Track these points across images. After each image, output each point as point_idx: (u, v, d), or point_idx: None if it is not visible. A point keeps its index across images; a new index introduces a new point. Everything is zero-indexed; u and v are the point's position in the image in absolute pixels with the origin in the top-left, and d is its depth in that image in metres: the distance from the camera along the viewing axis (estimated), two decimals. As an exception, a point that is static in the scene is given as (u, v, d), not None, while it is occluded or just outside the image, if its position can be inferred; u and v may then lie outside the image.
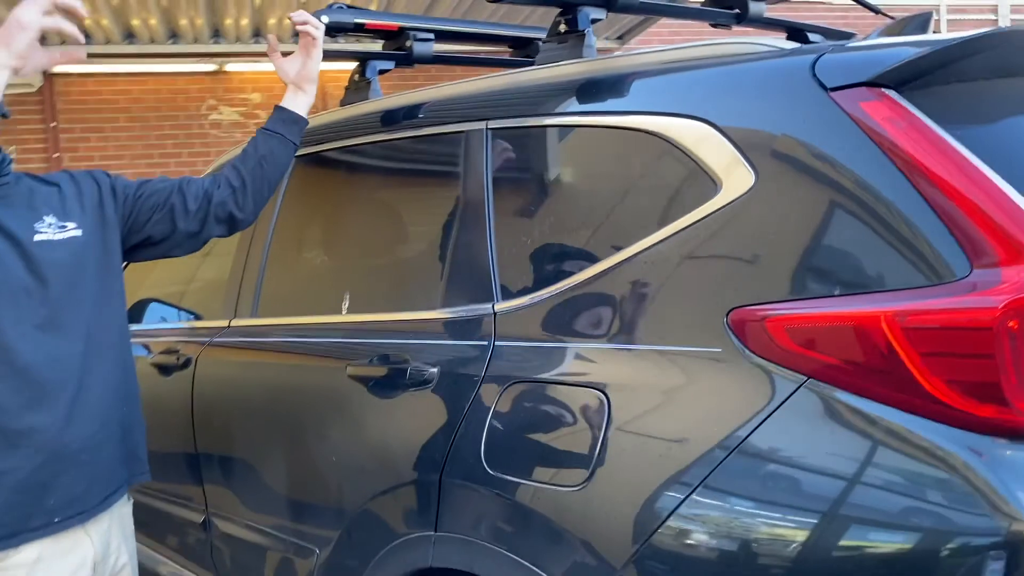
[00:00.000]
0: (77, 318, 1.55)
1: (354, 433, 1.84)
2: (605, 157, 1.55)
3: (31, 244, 1.52)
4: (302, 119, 1.88)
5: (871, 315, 1.15)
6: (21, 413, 1.46)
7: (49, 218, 1.56)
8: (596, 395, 1.41)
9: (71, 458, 1.52)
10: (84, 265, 1.59)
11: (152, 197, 1.74)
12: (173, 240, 1.77)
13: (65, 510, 1.52)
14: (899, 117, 1.23)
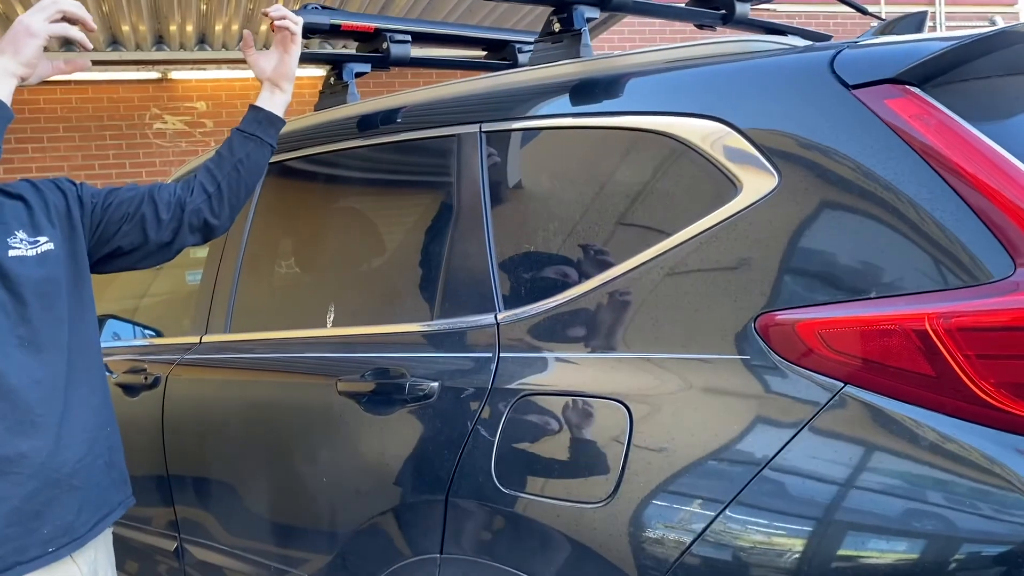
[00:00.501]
0: (57, 336, 1.47)
1: (347, 452, 1.75)
2: (612, 159, 1.49)
3: (6, 260, 1.43)
4: (279, 120, 1.78)
5: (915, 316, 1.11)
6: (8, 439, 1.38)
7: (20, 233, 1.47)
8: (616, 407, 1.35)
9: (63, 483, 1.44)
10: (59, 280, 1.50)
11: (121, 206, 1.63)
12: (144, 251, 1.67)
13: (59, 539, 1.44)
14: (928, 114, 1.20)
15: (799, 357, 1.21)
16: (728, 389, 1.27)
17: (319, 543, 1.81)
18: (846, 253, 1.22)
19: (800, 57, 1.36)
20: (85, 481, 1.48)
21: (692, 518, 1.24)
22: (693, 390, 1.30)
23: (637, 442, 1.31)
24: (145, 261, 1.70)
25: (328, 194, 2.09)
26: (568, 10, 1.76)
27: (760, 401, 1.24)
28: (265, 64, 1.81)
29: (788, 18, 8.32)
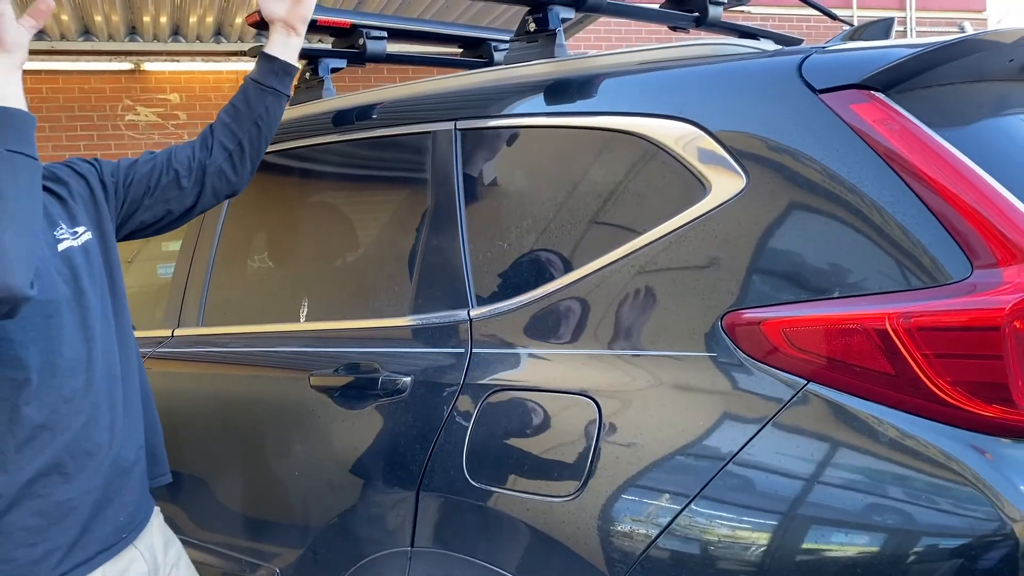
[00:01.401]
0: (107, 325, 1.45)
1: (319, 446, 1.76)
2: (585, 159, 1.51)
3: (60, 254, 1.40)
4: (294, 68, 1.66)
5: (876, 316, 1.14)
6: (88, 432, 1.37)
7: (63, 223, 1.44)
8: (586, 402, 1.37)
9: (129, 471, 1.45)
10: (100, 268, 1.48)
11: (142, 181, 1.57)
12: (167, 220, 1.62)
13: (129, 524, 1.46)
14: (891, 119, 1.23)
15: (764, 355, 1.24)
16: (695, 386, 1.30)
17: (291, 537, 1.81)
18: (811, 254, 1.25)
19: (769, 61, 1.39)
20: (143, 466, 1.50)
21: (658, 512, 1.26)
22: (662, 386, 1.32)
23: (606, 437, 1.34)
24: (167, 228, 1.66)
25: (303, 189, 2.10)
26: (543, 10, 1.77)
27: (726, 398, 1.26)
28: (278, 5, 1.66)
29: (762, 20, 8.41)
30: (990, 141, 1.33)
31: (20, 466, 1.30)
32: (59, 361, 1.35)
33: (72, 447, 1.35)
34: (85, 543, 1.37)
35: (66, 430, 1.34)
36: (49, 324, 1.34)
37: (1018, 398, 1.07)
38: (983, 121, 1.38)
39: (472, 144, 1.69)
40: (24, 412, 1.30)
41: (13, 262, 1.15)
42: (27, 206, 1.19)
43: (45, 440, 1.32)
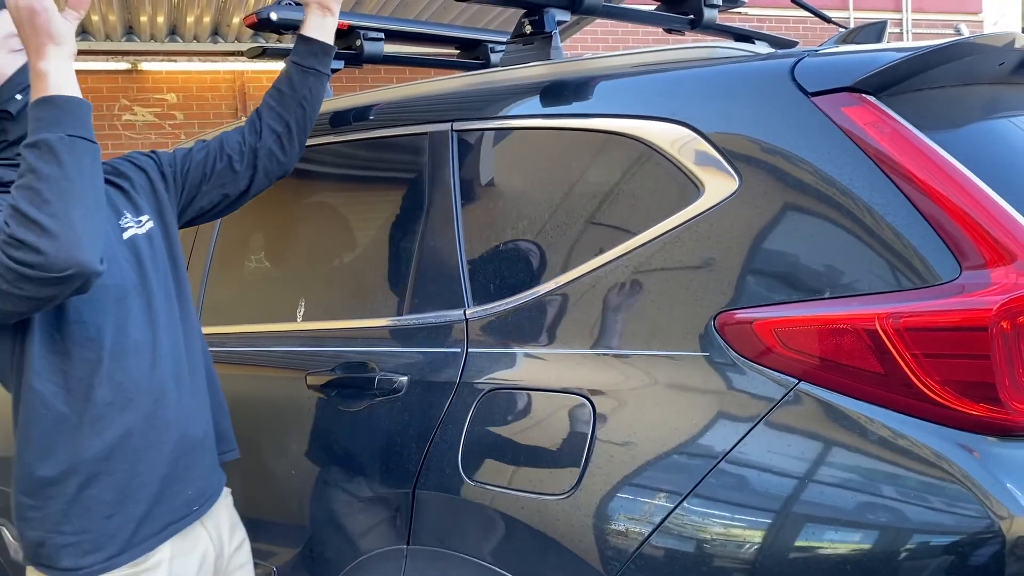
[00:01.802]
0: (171, 309, 1.52)
1: (315, 445, 1.77)
2: (580, 160, 1.53)
3: (123, 242, 1.48)
4: (331, 47, 1.72)
5: (865, 316, 1.16)
6: (156, 411, 1.44)
7: (128, 213, 1.52)
8: (580, 401, 1.39)
9: (198, 447, 1.52)
10: (164, 255, 1.55)
11: (198, 169, 1.64)
12: (223, 205, 1.70)
13: (199, 498, 1.52)
14: (882, 122, 1.25)
15: (757, 355, 1.25)
16: (688, 385, 1.31)
17: (287, 535, 1.83)
18: (803, 255, 1.26)
19: (762, 64, 1.40)
20: (211, 443, 1.57)
21: (651, 510, 1.28)
22: (655, 386, 1.34)
23: (600, 436, 1.35)
24: (226, 212, 1.73)
25: (300, 189, 2.11)
26: (539, 13, 1.79)
27: (719, 397, 1.28)
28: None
29: (759, 22, 8.43)
30: (980, 144, 1.34)
31: (94, 442, 1.38)
32: (127, 343, 1.42)
33: (141, 424, 1.42)
34: (156, 515, 1.44)
35: (135, 408, 1.41)
36: (119, 308, 1.42)
37: (1005, 397, 1.08)
38: (973, 124, 1.40)
39: (468, 145, 1.71)
40: (97, 391, 1.38)
41: (83, 238, 1.21)
42: (92, 186, 1.25)
43: (116, 417, 1.40)
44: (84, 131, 1.24)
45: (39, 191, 1.19)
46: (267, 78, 7.56)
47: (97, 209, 1.26)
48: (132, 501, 1.42)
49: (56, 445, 1.37)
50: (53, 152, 1.20)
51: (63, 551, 1.38)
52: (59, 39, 1.24)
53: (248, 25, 1.97)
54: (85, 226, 1.22)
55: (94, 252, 1.23)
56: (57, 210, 1.19)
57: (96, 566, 1.39)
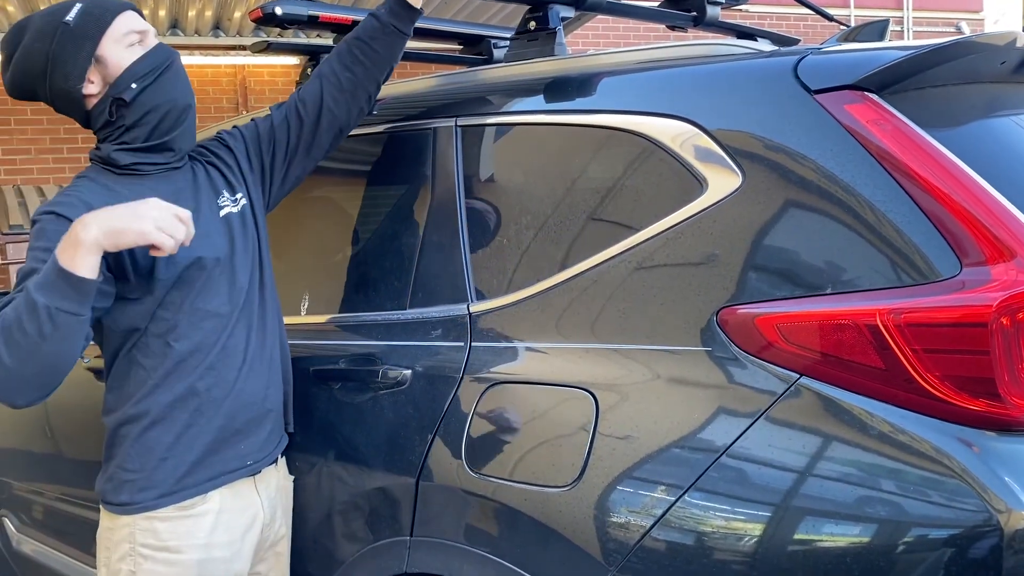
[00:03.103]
0: (253, 282, 1.67)
1: (319, 436, 1.78)
2: (583, 156, 1.54)
3: (220, 219, 1.65)
4: (417, 12, 1.75)
5: (867, 312, 1.17)
6: (225, 373, 1.60)
7: (225, 192, 1.68)
8: (583, 395, 1.40)
9: (260, 410, 1.65)
10: (253, 230, 1.71)
11: (279, 141, 1.76)
12: (306, 170, 1.82)
13: (255, 454, 1.65)
14: (884, 120, 1.26)
15: (758, 350, 1.27)
16: (691, 379, 1.32)
17: (291, 526, 1.84)
18: (805, 251, 1.28)
19: (766, 62, 1.41)
20: (273, 407, 1.69)
21: (653, 503, 1.29)
22: (658, 380, 1.35)
23: (602, 430, 1.36)
24: (304, 177, 1.85)
25: (304, 183, 2.11)
26: (544, 9, 1.80)
27: (721, 391, 1.29)
28: None
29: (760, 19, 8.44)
30: (981, 142, 1.36)
31: (164, 391, 1.56)
32: (207, 308, 1.59)
33: (206, 382, 1.58)
34: (208, 463, 1.60)
35: (203, 368, 1.58)
36: (204, 277, 1.59)
37: (1004, 392, 1.10)
38: (975, 122, 1.41)
39: (472, 140, 1.72)
40: (173, 347, 1.56)
41: (22, 389, 1.38)
42: (56, 352, 1.36)
43: (185, 372, 1.57)
44: (78, 309, 1.35)
45: (14, 336, 1.34)
46: (268, 72, 7.56)
47: (51, 374, 1.39)
48: (186, 448, 1.57)
49: (133, 393, 1.57)
50: (38, 315, 1.32)
51: (123, 486, 1.57)
52: (115, 241, 1.37)
53: (253, 19, 1.98)
54: (30, 381, 1.37)
55: (26, 400, 1.39)
56: (16, 360, 1.34)
57: (148, 502, 1.56)
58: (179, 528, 1.59)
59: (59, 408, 2.64)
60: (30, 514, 2.90)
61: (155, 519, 1.58)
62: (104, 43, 1.58)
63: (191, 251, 1.54)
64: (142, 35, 1.62)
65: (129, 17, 1.62)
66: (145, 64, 1.60)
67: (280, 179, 1.79)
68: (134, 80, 1.58)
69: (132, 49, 1.60)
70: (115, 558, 1.61)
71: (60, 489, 2.68)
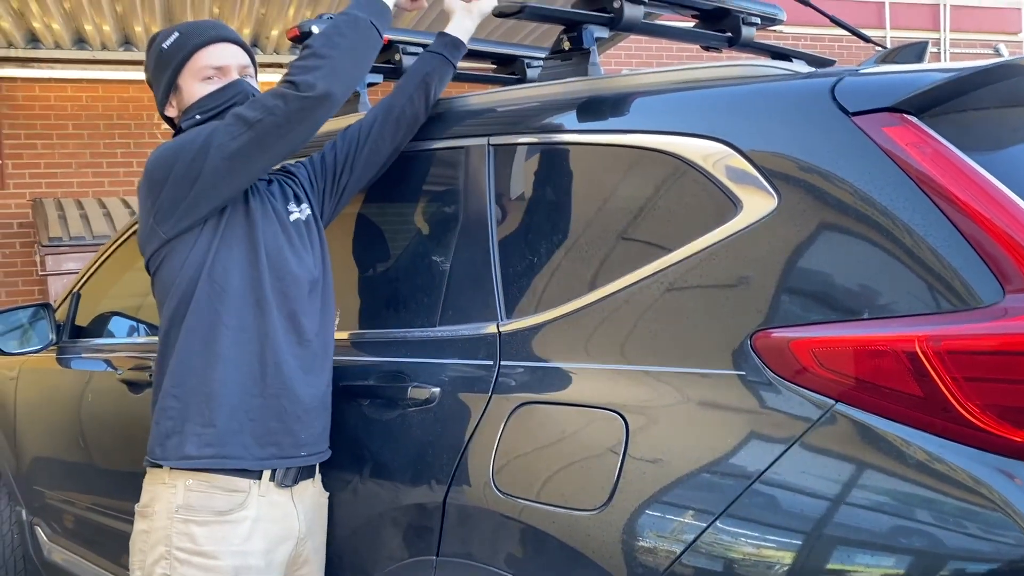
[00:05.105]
0: (315, 286, 1.74)
1: (347, 452, 1.78)
2: (616, 176, 1.53)
3: (290, 223, 1.75)
4: (463, 44, 1.93)
5: (905, 338, 1.15)
6: (296, 374, 1.67)
7: (293, 201, 1.80)
8: (613, 417, 1.38)
9: (313, 406, 1.70)
10: (316, 238, 1.80)
11: (338, 165, 1.87)
12: (357, 189, 1.92)
13: (308, 446, 1.70)
14: (923, 143, 1.24)
15: (793, 374, 1.24)
16: (723, 403, 1.30)
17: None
18: (842, 274, 1.26)
19: (802, 83, 1.40)
20: (324, 409, 1.74)
21: (683, 528, 1.27)
22: (689, 403, 1.33)
23: (632, 453, 1.35)
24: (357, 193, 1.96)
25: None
26: (578, 29, 1.80)
27: (753, 416, 1.27)
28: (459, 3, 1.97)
29: (794, 40, 8.40)
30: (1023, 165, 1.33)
31: (233, 361, 1.64)
32: (272, 299, 1.68)
33: (264, 368, 1.65)
34: (266, 441, 1.65)
35: (262, 349, 1.65)
36: (277, 272, 1.69)
37: (1048, 423, 1.07)
38: (1017, 146, 1.38)
39: (504, 159, 1.72)
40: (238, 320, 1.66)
41: (341, 76, 1.61)
42: (364, 57, 1.68)
43: (250, 349, 1.65)
44: (381, 25, 1.69)
45: (332, 38, 1.62)
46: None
47: (359, 70, 1.68)
48: (248, 417, 1.63)
49: (206, 353, 1.63)
50: (357, 24, 1.65)
51: (189, 440, 1.61)
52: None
53: (291, 38, 2.00)
54: (345, 70, 1.62)
55: (343, 90, 1.61)
56: (337, 51, 1.60)
57: (211, 459, 1.61)
58: (216, 533, 1.61)
59: (92, 418, 2.67)
60: (62, 523, 2.93)
61: (192, 523, 1.61)
62: (183, 74, 1.74)
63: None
64: (222, 70, 1.76)
65: (213, 51, 1.75)
66: (212, 100, 1.73)
67: (336, 199, 1.90)
68: (198, 112, 1.72)
69: (207, 83, 1.74)
70: (150, 561, 1.63)
71: (92, 499, 2.70)
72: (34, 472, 3.07)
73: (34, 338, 2.91)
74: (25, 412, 3.11)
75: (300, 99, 1.57)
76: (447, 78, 1.92)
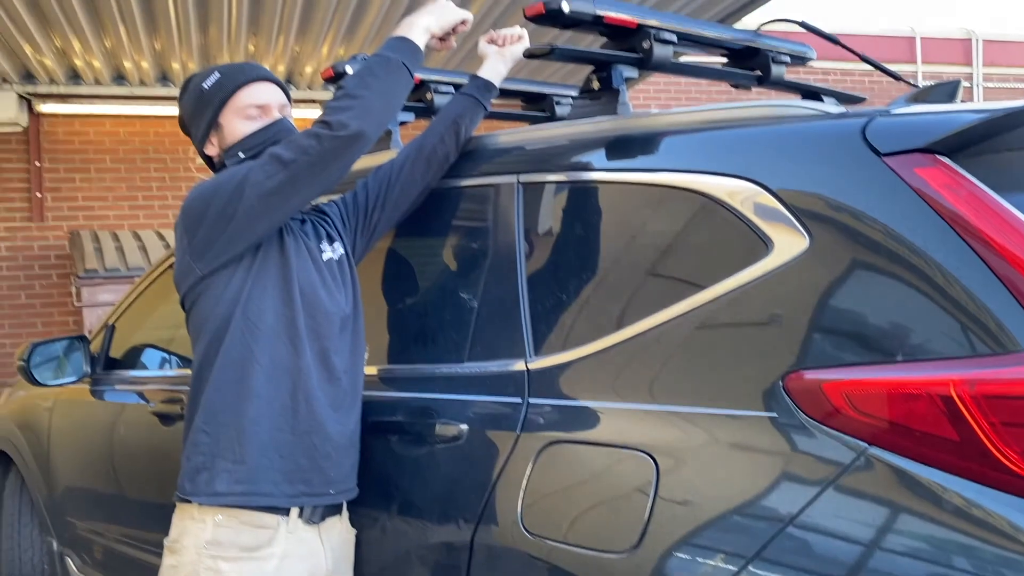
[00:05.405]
0: (346, 324, 1.76)
1: (375, 488, 1.78)
2: (646, 214, 1.54)
3: (323, 263, 1.77)
4: (495, 87, 1.97)
5: (940, 381, 1.13)
6: (327, 411, 1.68)
7: (325, 241, 1.81)
8: (643, 458, 1.37)
9: (342, 445, 1.71)
10: (349, 277, 1.82)
11: (371, 203, 1.90)
12: (389, 226, 1.95)
13: (337, 484, 1.71)
14: (957, 184, 1.23)
15: (825, 416, 1.23)
16: (754, 445, 1.29)
17: (344, 580, 1.83)
18: (874, 315, 1.24)
19: (833, 124, 1.40)
20: (352, 447, 1.75)
21: (715, 572, 1.25)
22: (720, 445, 1.32)
23: (663, 494, 1.33)
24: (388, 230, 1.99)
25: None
26: (607, 69, 1.81)
27: (786, 458, 1.25)
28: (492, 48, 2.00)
29: (823, 74, 8.39)
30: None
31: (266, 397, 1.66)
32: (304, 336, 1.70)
33: (296, 405, 1.66)
34: (296, 479, 1.66)
35: (294, 387, 1.66)
36: (309, 311, 1.71)
37: (1089, 471, 1.04)
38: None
39: (533, 197, 1.73)
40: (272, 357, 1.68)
41: (372, 115, 1.63)
42: (395, 96, 1.70)
43: (285, 386, 1.66)
44: (412, 65, 1.71)
45: (365, 79, 1.64)
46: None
47: (391, 110, 1.69)
48: (279, 454, 1.64)
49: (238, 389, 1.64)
50: (389, 64, 1.68)
51: (219, 476, 1.62)
52: (442, 24, 1.80)
53: (325, 79, 2.04)
54: (377, 110, 1.64)
55: (375, 129, 1.64)
56: (370, 91, 1.63)
57: (241, 496, 1.62)
58: (244, 569, 1.62)
59: (124, 450, 2.70)
60: (92, 555, 2.95)
61: (220, 559, 1.61)
62: (225, 112, 1.78)
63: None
64: (263, 109, 1.79)
65: (254, 89, 1.79)
66: (255, 138, 1.76)
67: (368, 236, 1.92)
68: (242, 150, 1.75)
69: (249, 121, 1.77)
70: None
71: (122, 531, 2.72)
72: (66, 503, 3.10)
73: (69, 369, 2.96)
74: (58, 442, 3.15)
75: (334, 138, 1.59)
76: (478, 119, 1.95)
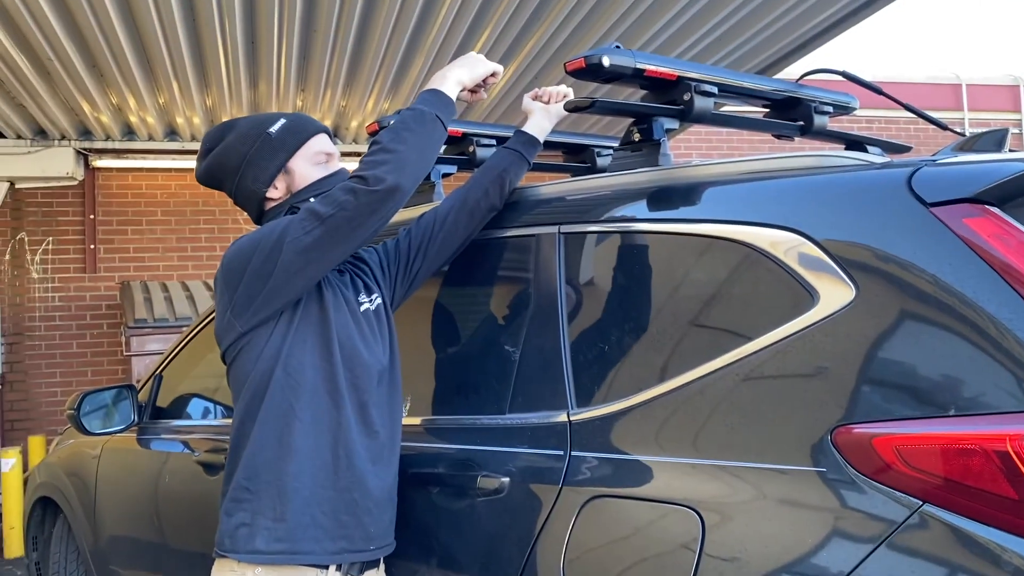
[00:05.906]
0: (382, 375, 1.76)
1: (416, 540, 1.77)
2: (689, 265, 1.53)
3: (360, 314, 1.78)
4: (539, 142, 2.02)
5: (995, 437, 1.10)
6: (367, 466, 1.68)
7: (363, 292, 1.83)
8: (688, 513, 1.35)
9: (381, 500, 1.71)
10: (386, 327, 1.83)
11: (412, 253, 1.93)
12: (428, 275, 1.97)
13: (377, 539, 1.70)
14: (1007, 234, 1.21)
15: (876, 472, 1.20)
16: (803, 501, 1.26)
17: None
18: (925, 368, 1.22)
19: (878, 174, 1.39)
20: (390, 502, 1.75)
21: (764, 633, 1.21)
22: (767, 500, 1.29)
23: (709, 550, 1.30)
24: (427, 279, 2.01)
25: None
26: (648, 121, 1.82)
27: (836, 515, 1.22)
28: (536, 105, 2.07)
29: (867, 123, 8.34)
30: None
31: (309, 455, 1.66)
32: (344, 390, 1.70)
33: (337, 461, 1.66)
34: (337, 535, 1.65)
35: (335, 443, 1.67)
36: (347, 364, 1.71)
37: None
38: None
39: (575, 248, 1.73)
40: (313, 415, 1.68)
41: (408, 168, 1.63)
42: (430, 149, 1.70)
43: (326, 442, 1.66)
44: (445, 118, 1.73)
45: (400, 132, 1.65)
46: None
47: (425, 162, 1.69)
48: (320, 510, 1.64)
49: (280, 446, 1.64)
50: (423, 118, 1.70)
51: (259, 534, 1.62)
52: (473, 76, 1.84)
53: (370, 133, 2.08)
54: (413, 163, 1.64)
55: (411, 182, 1.64)
56: (404, 145, 1.64)
57: (281, 555, 1.61)
58: None
59: (168, 499, 2.72)
60: (134, 604, 2.96)
61: None
62: (296, 157, 1.83)
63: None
64: (329, 157, 1.87)
65: (323, 139, 1.87)
66: (328, 183, 1.83)
67: (408, 284, 1.94)
68: (313, 194, 1.80)
69: (319, 167, 1.84)
70: None
71: (164, 581, 2.72)
72: (110, 551, 3.12)
73: (116, 418, 3.00)
74: (104, 490, 3.18)
75: (370, 193, 1.60)
76: (522, 173, 1.97)
